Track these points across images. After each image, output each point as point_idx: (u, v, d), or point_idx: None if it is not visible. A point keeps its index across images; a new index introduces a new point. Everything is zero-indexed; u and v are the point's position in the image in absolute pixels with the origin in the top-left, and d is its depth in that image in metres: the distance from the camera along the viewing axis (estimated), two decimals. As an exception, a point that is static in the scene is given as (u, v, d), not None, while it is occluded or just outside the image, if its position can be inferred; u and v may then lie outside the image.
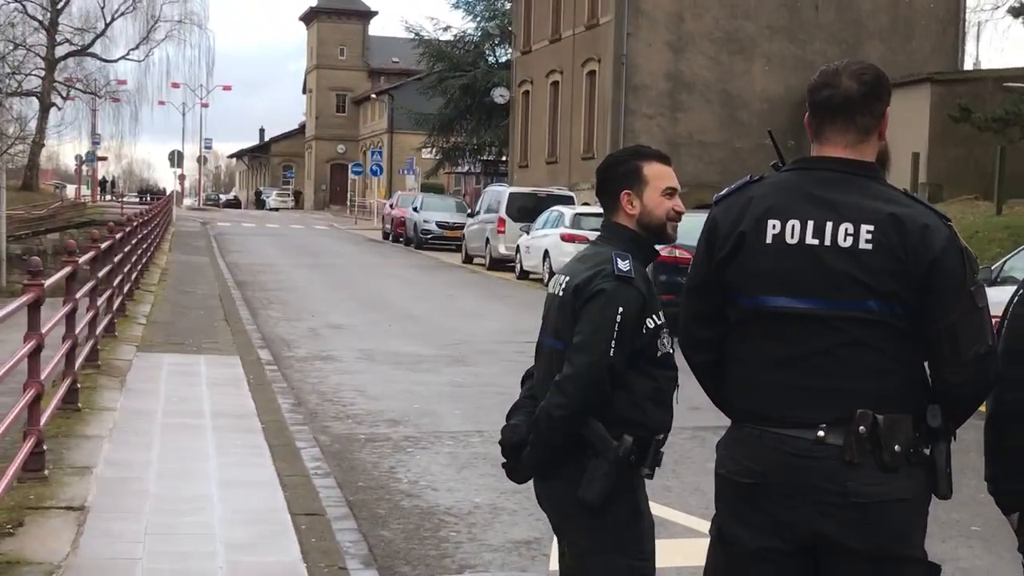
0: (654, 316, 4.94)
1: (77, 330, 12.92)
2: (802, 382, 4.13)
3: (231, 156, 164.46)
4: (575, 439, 4.86)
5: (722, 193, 4.37)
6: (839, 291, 4.09)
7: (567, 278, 5.02)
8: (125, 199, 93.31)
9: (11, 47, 67.31)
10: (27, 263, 10.62)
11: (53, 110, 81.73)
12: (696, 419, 11.30)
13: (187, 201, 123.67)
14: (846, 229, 4.10)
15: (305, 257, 41.66)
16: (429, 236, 50.21)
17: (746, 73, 49.37)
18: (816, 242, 4.12)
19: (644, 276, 4.98)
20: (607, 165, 5.12)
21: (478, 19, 69.95)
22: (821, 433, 4.11)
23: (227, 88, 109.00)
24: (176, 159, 79.88)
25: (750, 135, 48.05)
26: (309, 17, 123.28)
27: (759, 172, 4.53)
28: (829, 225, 4.13)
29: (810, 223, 4.14)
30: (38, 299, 9.52)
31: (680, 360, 4.76)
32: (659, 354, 4.96)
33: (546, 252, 32.75)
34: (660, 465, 4.99)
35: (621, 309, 4.83)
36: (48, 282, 10.04)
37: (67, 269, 12.45)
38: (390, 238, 55.72)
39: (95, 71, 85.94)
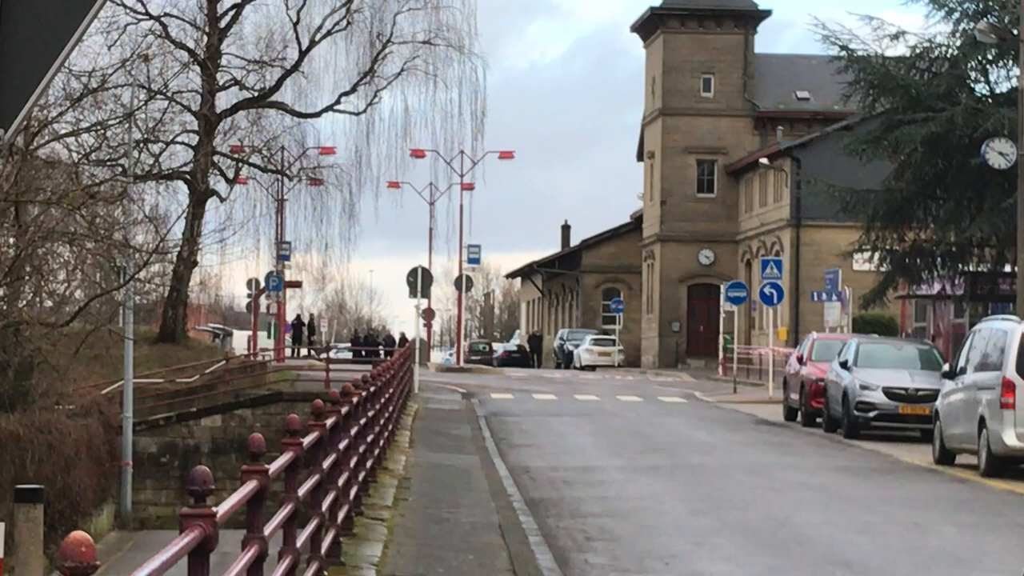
0: None
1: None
2: None
3: (512, 275, 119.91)
4: None
5: None
6: None
7: None
8: (333, 352, 67.89)
9: (142, 94, 41.66)
10: (168, 466, 14.92)
11: (212, 201, 54.10)
12: None
13: (438, 356, 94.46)
14: None
15: (648, 455, 32.02)
16: (872, 414, 36.18)
17: None
18: None
19: None
20: None
21: (955, 15, 45.25)
22: None
23: (506, 156, 76.27)
24: (420, 283, 51.53)
25: None
26: (649, 26, 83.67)
27: None
28: None
29: None
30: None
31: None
32: None
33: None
34: None
35: None
36: (224, 507, 7.73)
37: (250, 485, 9.20)
38: (798, 418, 42.24)
39: (282, 133, 56.83)
